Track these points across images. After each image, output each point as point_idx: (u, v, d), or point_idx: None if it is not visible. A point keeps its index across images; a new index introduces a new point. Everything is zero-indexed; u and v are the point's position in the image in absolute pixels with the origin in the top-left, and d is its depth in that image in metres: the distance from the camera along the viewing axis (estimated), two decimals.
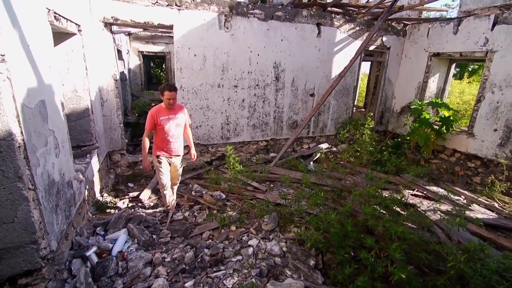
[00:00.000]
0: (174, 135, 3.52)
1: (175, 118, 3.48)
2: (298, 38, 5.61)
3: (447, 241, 3.10)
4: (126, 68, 8.55)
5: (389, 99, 7.14)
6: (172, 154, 3.60)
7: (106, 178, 4.58)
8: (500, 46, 5.02)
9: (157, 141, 3.51)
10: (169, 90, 3.30)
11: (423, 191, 4.42)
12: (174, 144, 3.56)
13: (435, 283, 2.26)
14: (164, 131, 3.43)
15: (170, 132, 3.46)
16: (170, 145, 3.52)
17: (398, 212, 2.92)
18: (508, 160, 4.96)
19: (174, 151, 3.60)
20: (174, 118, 3.47)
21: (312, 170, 5.24)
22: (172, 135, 3.49)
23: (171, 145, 3.53)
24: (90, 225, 3.37)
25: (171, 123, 3.45)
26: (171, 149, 3.56)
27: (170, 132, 3.46)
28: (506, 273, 2.30)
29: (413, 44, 6.57)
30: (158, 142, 3.51)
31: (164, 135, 3.45)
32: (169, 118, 3.44)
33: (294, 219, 3.40)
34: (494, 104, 5.16)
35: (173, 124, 3.47)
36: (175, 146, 3.58)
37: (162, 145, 3.51)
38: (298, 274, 2.57)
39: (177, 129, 3.53)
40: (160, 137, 3.48)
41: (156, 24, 4.48)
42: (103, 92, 4.49)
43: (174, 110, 3.48)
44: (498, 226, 3.69)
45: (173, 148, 3.57)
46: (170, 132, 3.46)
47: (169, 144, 3.52)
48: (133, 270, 2.65)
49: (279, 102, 5.88)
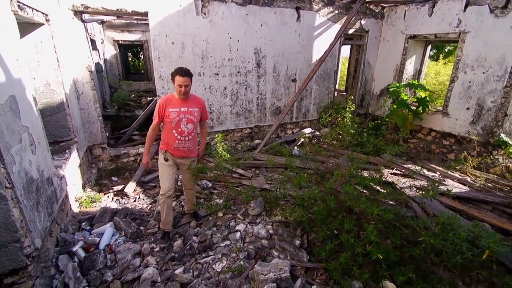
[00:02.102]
0: (184, 133, 2.85)
1: (187, 112, 2.82)
2: (277, 23, 5.56)
3: (423, 214, 3.30)
4: (101, 58, 8.21)
5: (369, 82, 7.28)
6: (178, 155, 2.95)
7: (88, 173, 4.49)
8: (472, 27, 5.19)
9: (164, 135, 2.93)
10: (181, 74, 2.66)
11: (401, 170, 4.63)
12: (183, 143, 2.89)
13: (412, 254, 2.43)
14: (171, 126, 2.82)
15: (178, 128, 2.82)
16: (177, 143, 2.87)
17: (377, 190, 3.07)
18: (479, 136, 5.26)
19: (181, 151, 2.93)
20: (186, 112, 2.82)
21: (297, 154, 5.34)
22: (181, 131, 2.83)
23: (178, 144, 2.88)
24: (75, 221, 3.33)
25: (182, 117, 2.80)
26: (178, 148, 2.90)
27: (178, 128, 2.82)
28: (475, 240, 2.49)
29: (390, 26, 6.67)
30: (164, 136, 2.92)
31: (171, 130, 2.84)
32: (180, 112, 2.79)
33: (280, 202, 3.49)
34: (466, 84, 5.39)
35: (184, 119, 2.81)
36: (183, 146, 2.90)
37: (169, 142, 2.89)
38: (284, 254, 2.68)
39: (188, 126, 2.85)
40: (167, 132, 2.87)
41: (129, 11, 4.30)
42: (78, 85, 4.32)
43: (188, 102, 2.84)
44: (469, 198, 3.94)
45: (181, 148, 2.91)
46: (178, 128, 2.82)
47: (176, 142, 2.87)
48: (122, 261, 2.67)
49: (262, 89, 5.88)
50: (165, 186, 2.93)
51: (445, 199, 3.70)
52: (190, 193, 3.36)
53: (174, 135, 2.85)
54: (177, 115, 2.79)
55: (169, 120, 2.79)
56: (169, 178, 2.94)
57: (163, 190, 2.95)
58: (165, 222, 3.03)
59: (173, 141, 2.87)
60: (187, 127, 2.86)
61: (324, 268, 2.45)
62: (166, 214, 2.99)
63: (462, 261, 2.25)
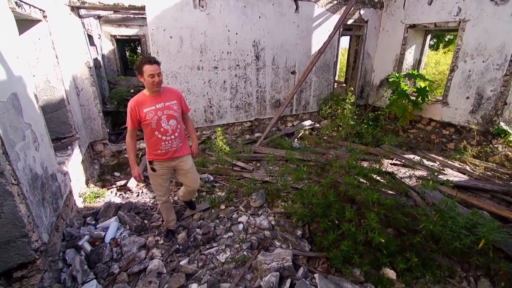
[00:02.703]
0: (168, 132, 2.54)
1: (165, 107, 2.51)
2: (276, 14, 5.52)
3: (423, 203, 3.34)
4: (99, 54, 8.17)
5: (369, 72, 7.26)
6: (170, 157, 2.63)
7: (90, 169, 4.53)
8: (472, 16, 5.15)
9: (147, 141, 2.60)
10: (150, 62, 2.34)
11: (401, 160, 4.67)
12: (170, 143, 2.58)
13: (412, 242, 2.49)
14: (152, 128, 2.49)
15: (160, 128, 2.51)
16: (163, 145, 2.56)
17: (376, 180, 3.11)
18: (479, 125, 5.27)
19: (170, 152, 2.62)
20: (163, 107, 2.50)
21: (297, 147, 5.37)
22: (164, 131, 2.53)
23: (164, 146, 2.57)
24: (80, 216, 3.38)
25: (160, 115, 2.48)
26: (168, 150, 2.60)
27: (160, 128, 2.50)
28: (473, 228, 2.54)
29: (390, 16, 6.61)
30: (147, 142, 2.60)
31: (153, 132, 2.51)
32: (157, 109, 2.47)
33: (281, 194, 3.54)
34: (466, 73, 5.37)
35: (163, 116, 2.50)
36: (170, 146, 2.60)
37: (154, 147, 2.57)
38: (286, 244, 2.74)
39: (170, 123, 2.54)
40: (149, 136, 2.55)
41: (127, 5, 4.27)
42: (78, 81, 4.32)
43: (162, 97, 2.51)
44: (468, 187, 3.99)
45: (169, 149, 2.60)
46: (160, 128, 2.51)
47: (162, 145, 2.55)
48: (127, 254, 2.72)
49: (261, 82, 5.87)
50: (158, 194, 2.82)
51: (445, 188, 3.75)
52: (191, 190, 3.05)
53: (157, 137, 2.53)
54: (155, 114, 2.46)
55: (147, 122, 2.46)
56: (161, 188, 2.78)
57: (158, 197, 2.87)
58: (167, 221, 3.00)
59: (159, 144, 2.55)
60: (170, 124, 2.54)
61: (326, 256, 2.50)
62: (166, 215, 2.95)
63: (461, 247, 2.30)
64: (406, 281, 2.33)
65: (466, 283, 2.49)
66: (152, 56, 2.54)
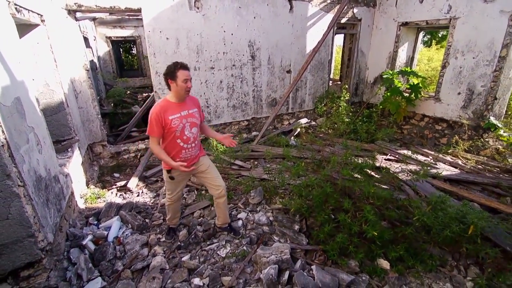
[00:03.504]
0: (190, 139, 2.51)
1: (188, 115, 2.47)
2: (270, 14, 5.60)
3: (416, 196, 3.46)
4: (95, 56, 8.19)
5: (363, 70, 7.37)
6: (189, 165, 2.50)
7: (90, 170, 4.59)
8: (462, 13, 5.27)
9: (166, 149, 2.50)
10: (184, 67, 2.32)
11: (395, 155, 4.78)
12: (190, 151, 2.55)
13: (404, 233, 2.59)
14: (175, 136, 2.43)
15: (183, 136, 2.46)
16: (183, 153, 2.52)
17: (371, 175, 3.22)
18: (470, 120, 5.41)
19: (190, 159, 2.59)
20: (187, 115, 2.46)
21: (293, 144, 5.46)
22: (186, 139, 2.48)
23: (185, 154, 2.53)
24: (82, 216, 3.45)
25: (184, 122, 2.44)
26: (187, 158, 2.56)
27: (183, 136, 2.46)
28: (463, 218, 2.66)
29: (382, 14, 6.71)
30: (168, 150, 2.50)
31: (175, 140, 2.46)
32: (182, 117, 2.42)
33: (279, 191, 3.64)
34: (457, 69, 5.50)
35: (187, 124, 2.46)
36: (192, 154, 2.58)
37: (174, 155, 2.50)
38: (284, 238, 2.83)
39: (192, 131, 2.52)
40: (170, 144, 2.48)
41: (123, 8, 4.32)
42: (76, 84, 4.37)
43: (186, 104, 2.48)
44: (460, 180, 4.11)
45: (188, 157, 2.56)
46: (183, 136, 2.46)
47: (183, 153, 2.52)
48: (131, 252, 2.80)
49: (257, 81, 5.95)
50: (171, 197, 2.76)
51: (437, 182, 3.87)
52: (221, 202, 2.81)
53: (179, 146, 2.49)
54: (180, 122, 2.41)
55: (172, 129, 2.40)
56: (175, 192, 2.75)
57: (170, 199, 2.78)
58: (171, 219, 2.99)
59: (179, 152, 2.51)
60: (192, 132, 2.52)
61: (322, 249, 2.60)
62: (172, 214, 2.94)
63: (451, 235, 2.41)
64: (399, 270, 2.44)
65: (456, 271, 2.61)
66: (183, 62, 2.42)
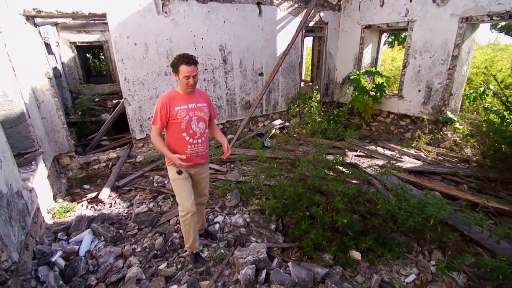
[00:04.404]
0: (196, 134, 2.38)
1: (196, 108, 2.36)
2: (240, 18, 5.67)
3: (383, 189, 3.67)
4: (58, 62, 7.79)
5: (332, 71, 7.66)
6: (194, 163, 2.44)
7: (57, 183, 4.36)
8: (418, 16, 5.67)
9: (171, 143, 2.38)
10: (188, 63, 2.20)
11: (364, 152, 5.03)
12: (196, 147, 2.41)
13: (373, 224, 2.75)
14: (181, 129, 2.32)
15: (190, 130, 2.34)
16: (189, 148, 2.38)
17: (341, 171, 3.37)
18: (430, 115, 5.82)
19: (194, 158, 2.44)
20: (195, 108, 2.35)
21: (268, 146, 5.56)
22: (193, 133, 2.36)
23: (191, 149, 2.39)
24: (50, 232, 3.28)
25: (191, 115, 2.33)
26: (192, 156, 2.41)
27: (189, 129, 2.34)
28: (425, 207, 2.87)
29: (347, 18, 7.04)
30: (172, 144, 2.38)
31: (180, 133, 2.33)
32: (189, 109, 2.31)
33: (255, 192, 3.69)
34: (416, 68, 5.90)
35: (194, 117, 2.35)
36: (196, 151, 2.43)
37: (179, 149, 2.36)
38: (261, 238, 2.89)
39: (199, 125, 2.39)
40: (175, 137, 2.35)
41: (86, 13, 4.18)
42: (38, 93, 4.15)
43: (195, 97, 2.37)
44: (423, 171, 4.42)
45: (194, 154, 2.42)
46: (190, 130, 2.34)
47: (189, 148, 2.38)
48: (104, 265, 2.71)
49: (230, 84, 5.99)
50: (188, 204, 2.43)
51: (402, 174, 4.13)
52: (202, 209, 2.84)
53: (185, 140, 2.35)
54: (187, 114, 2.30)
55: (178, 121, 2.29)
56: (189, 194, 2.46)
57: (185, 209, 2.43)
58: (193, 243, 2.57)
59: (184, 147, 2.37)
60: (199, 127, 2.39)
61: (298, 246, 2.69)
62: (193, 234, 2.52)
63: (415, 225, 2.60)
64: (369, 259, 2.59)
65: (422, 256, 2.81)
66: (190, 55, 2.28)
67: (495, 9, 4.61)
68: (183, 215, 2.46)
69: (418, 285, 2.45)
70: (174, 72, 2.29)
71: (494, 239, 2.50)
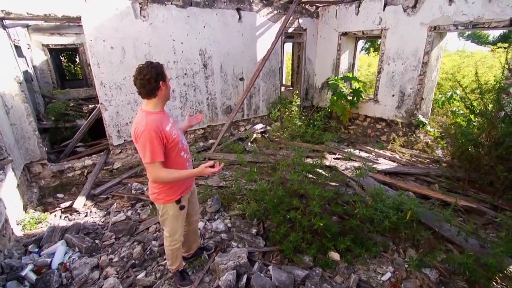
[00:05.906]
0: (188, 149, 2.24)
1: (174, 121, 2.15)
2: (220, 24, 5.69)
3: (361, 191, 3.79)
4: (30, 66, 7.44)
5: (311, 76, 7.84)
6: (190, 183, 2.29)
7: (28, 193, 4.14)
8: (391, 24, 5.95)
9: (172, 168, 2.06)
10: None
11: (343, 154, 5.17)
12: (190, 162, 2.24)
13: (351, 225, 2.83)
14: (179, 148, 2.07)
15: (184, 146, 2.15)
16: (188, 165, 2.20)
17: (320, 174, 3.45)
18: (403, 119, 6.09)
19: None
20: (174, 122, 2.14)
21: (250, 150, 5.58)
22: (186, 148, 2.18)
23: (189, 166, 2.21)
24: (20, 245, 3.11)
25: (178, 131, 2.11)
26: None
27: (184, 145, 2.14)
28: (399, 206, 2.99)
29: (325, 25, 7.26)
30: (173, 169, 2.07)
31: (179, 154, 2.08)
32: (173, 123, 2.09)
33: (236, 197, 3.69)
34: (390, 74, 6.17)
35: (179, 132, 2.14)
36: (191, 165, 2.25)
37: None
38: (243, 243, 2.89)
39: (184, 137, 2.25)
40: (176, 161, 2.07)
41: (60, 16, 4.04)
42: (6, 98, 3.95)
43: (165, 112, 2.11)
44: (397, 172, 4.61)
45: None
46: (184, 146, 2.15)
47: (188, 165, 2.19)
48: (79, 277, 2.60)
49: (211, 89, 5.97)
50: (180, 237, 2.31)
51: (378, 176, 4.28)
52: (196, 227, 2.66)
53: (183, 159, 2.12)
54: (176, 131, 2.06)
55: (175, 141, 2.01)
56: (183, 225, 2.33)
57: (178, 241, 2.29)
58: (179, 264, 2.47)
59: (184, 167, 2.14)
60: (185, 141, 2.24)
61: (279, 249, 2.71)
62: (178, 258, 2.42)
63: (390, 225, 2.70)
64: (348, 260, 2.66)
65: (397, 254, 2.92)
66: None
67: (460, 19, 4.93)
68: (173, 245, 2.30)
69: (393, 282, 2.54)
70: (162, 80, 1.94)
71: (463, 236, 2.65)
